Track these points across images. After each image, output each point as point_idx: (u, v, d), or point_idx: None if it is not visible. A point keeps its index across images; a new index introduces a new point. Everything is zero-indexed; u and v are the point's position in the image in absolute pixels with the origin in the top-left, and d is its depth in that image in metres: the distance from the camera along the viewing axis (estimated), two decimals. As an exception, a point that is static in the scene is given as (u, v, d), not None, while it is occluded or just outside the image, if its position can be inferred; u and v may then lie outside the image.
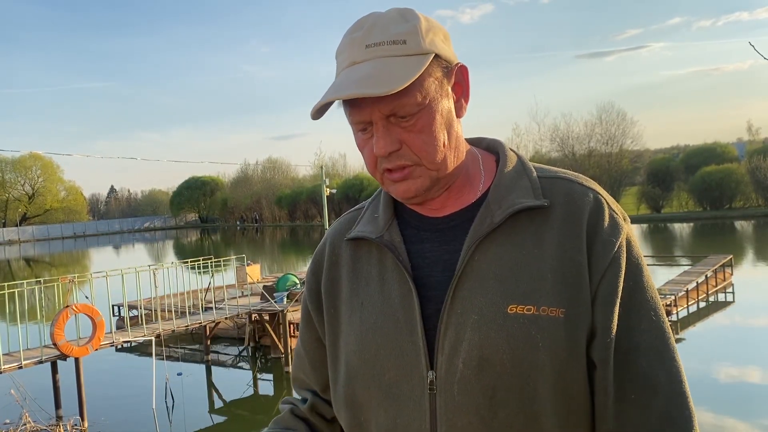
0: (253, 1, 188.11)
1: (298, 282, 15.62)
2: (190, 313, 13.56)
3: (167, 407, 10.95)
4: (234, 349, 15.17)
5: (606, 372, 0.88)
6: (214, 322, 13.76)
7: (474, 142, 1.08)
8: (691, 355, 11.54)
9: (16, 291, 10.97)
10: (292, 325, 13.71)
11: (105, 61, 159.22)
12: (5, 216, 77.52)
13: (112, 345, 11.75)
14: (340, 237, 1.08)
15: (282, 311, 13.39)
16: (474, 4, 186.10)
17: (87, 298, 11.40)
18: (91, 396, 10.80)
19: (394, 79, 0.85)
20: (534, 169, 0.99)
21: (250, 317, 14.34)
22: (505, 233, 0.93)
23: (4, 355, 10.13)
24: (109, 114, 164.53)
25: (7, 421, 9.93)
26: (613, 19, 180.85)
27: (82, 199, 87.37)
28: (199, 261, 14.95)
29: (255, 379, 12.99)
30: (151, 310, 13.71)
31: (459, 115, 0.97)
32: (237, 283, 18.25)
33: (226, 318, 14.10)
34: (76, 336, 10.76)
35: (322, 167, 31.16)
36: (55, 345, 10.14)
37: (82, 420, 10.17)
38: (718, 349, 12.31)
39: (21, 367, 10.00)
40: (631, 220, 0.98)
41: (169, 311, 13.03)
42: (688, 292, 15.36)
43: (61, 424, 9.84)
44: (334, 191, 32.27)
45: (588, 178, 0.99)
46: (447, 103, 0.93)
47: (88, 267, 37.94)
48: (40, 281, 12.34)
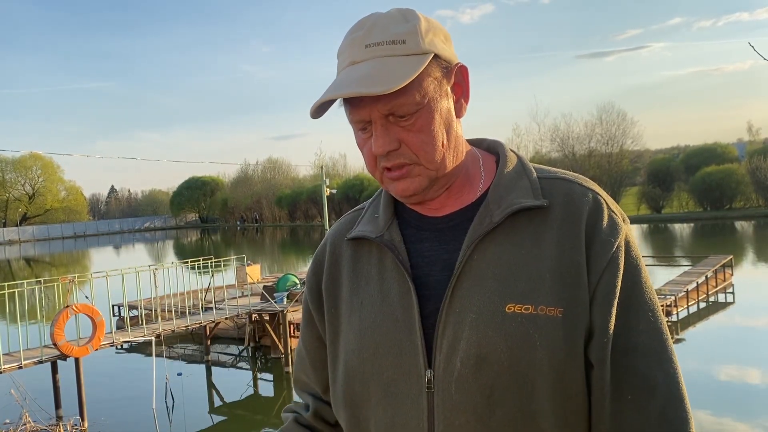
0: (253, 1, 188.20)
1: (298, 282, 15.62)
2: (190, 313, 13.56)
3: (167, 407, 10.94)
4: (234, 349, 15.16)
5: (603, 372, 0.88)
6: (214, 322, 13.76)
7: (475, 142, 1.08)
8: (691, 356, 11.54)
9: (17, 291, 10.97)
10: (292, 325, 13.71)
11: (106, 61, 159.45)
12: (5, 216, 77.54)
13: (112, 345, 11.75)
14: (340, 237, 1.09)
15: (282, 311, 13.39)
16: (474, 4, 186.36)
17: (87, 298, 11.39)
18: (91, 396, 10.80)
19: (393, 79, 0.86)
20: (534, 170, 1.00)
21: (250, 317, 14.34)
22: (504, 233, 0.93)
23: (4, 355, 10.13)
24: (110, 114, 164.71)
25: (7, 421, 9.92)
26: (614, 19, 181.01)
27: (82, 199, 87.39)
28: (199, 261, 14.95)
29: (255, 379, 12.99)
30: (151, 310, 13.71)
31: (459, 115, 0.97)
32: (237, 283, 18.24)
33: (226, 318, 14.10)
34: (76, 336, 10.75)
35: (322, 167, 31.11)
36: (55, 345, 10.14)
37: (82, 420, 10.16)
38: (718, 349, 12.30)
39: (21, 367, 10.00)
40: (631, 221, 0.99)
41: (169, 311, 13.03)
42: (688, 292, 15.35)
43: (61, 424, 9.84)
44: (334, 191, 32.24)
45: (587, 179, 0.99)
46: (446, 103, 0.94)
47: (89, 267, 37.96)
48: (40, 281, 12.35)
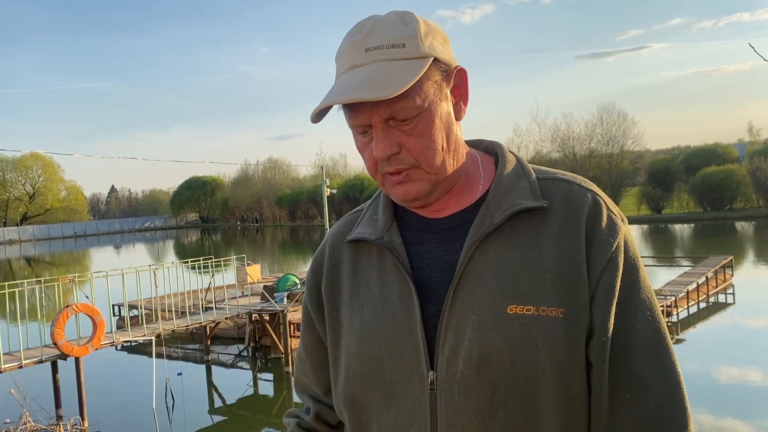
0: (253, 1, 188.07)
1: (298, 282, 15.62)
2: (190, 313, 13.56)
3: (167, 407, 10.95)
4: (234, 349, 15.15)
5: (602, 371, 0.89)
6: (214, 322, 13.77)
7: (473, 143, 1.08)
8: (691, 357, 11.55)
9: (17, 290, 10.98)
10: (292, 325, 13.71)
11: (106, 61, 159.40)
12: (6, 215, 77.52)
13: (113, 345, 11.75)
14: (340, 239, 1.08)
15: (282, 311, 13.39)
16: (475, 4, 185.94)
17: (87, 297, 11.38)
18: (91, 396, 10.79)
19: (394, 83, 0.86)
20: (533, 171, 1.00)
21: (251, 317, 14.33)
22: (504, 234, 0.93)
23: (4, 354, 10.13)
24: (110, 114, 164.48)
25: (7, 420, 9.92)
26: (614, 19, 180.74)
27: (82, 199, 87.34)
28: (199, 261, 14.94)
29: (255, 379, 12.99)
30: (151, 310, 13.70)
31: (458, 118, 0.97)
32: (237, 283, 18.22)
33: (227, 318, 14.10)
34: (76, 336, 10.75)
35: (322, 167, 31.12)
36: (55, 344, 10.14)
37: (82, 419, 10.16)
38: (718, 350, 12.30)
39: (21, 367, 10.00)
40: (631, 221, 0.99)
41: (170, 311, 13.03)
42: (688, 293, 15.35)
43: (61, 424, 9.84)
44: (334, 191, 32.23)
45: (586, 180, 1.00)
46: (446, 106, 0.94)
47: (89, 267, 37.97)
48: (40, 281, 12.34)
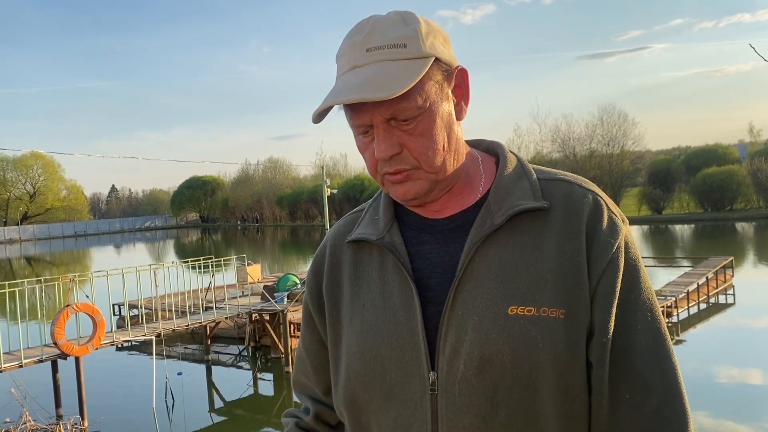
0: (254, 1, 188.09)
1: (298, 282, 15.63)
2: (190, 312, 13.57)
3: (167, 407, 10.95)
4: (234, 348, 15.15)
5: (602, 372, 0.89)
6: (214, 321, 13.76)
7: (473, 143, 1.08)
8: (691, 357, 11.54)
9: (17, 290, 10.98)
10: (292, 325, 13.71)
11: (107, 61, 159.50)
12: (6, 215, 77.53)
13: (113, 344, 11.76)
14: (340, 239, 1.08)
15: (282, 311, 13.39)
16: (475, 4, 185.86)
17: (87, 297, 11.38)
18: (91, 395, 10.80)
19: (395, 84, 0.85)
20: (533, 171, 1.00)
21: (251, 317, 14.34)
22: (505, 235, 0.93)
23: (4, 353, 10.13)
24: (111, 113, 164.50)
25: (7, 419, 9.93)
26: (615, 20, 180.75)
27: (83, 199, 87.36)
28: (199, 261, 14.93)
29: (255, 379, 12.99)
30: (151, 310, 13.71)
31: (459, 118, 0.97)
32: (237, 283, 18.24)
33: (227, 318, 14.10)
34: (76, 335, 10.75)
35: (323, 167, 31.09)
36: (55, 344, 10.14)
37: (82, 419, 10.16)
38: (718, 351, 12.29)
39: (21, 366, 10.00)
40: (632, 222, 1.00)
41: (170, 311, 13.03)
42: (688, 293, 15.34)
43: (61, 423, 9.84)
44: (335, 191, 32.22)
45: (587, 180, 1.00)
46: (447, 106, 0.94)
47: (89, 266, 37.95)
48: (40, 280, 12.35)
